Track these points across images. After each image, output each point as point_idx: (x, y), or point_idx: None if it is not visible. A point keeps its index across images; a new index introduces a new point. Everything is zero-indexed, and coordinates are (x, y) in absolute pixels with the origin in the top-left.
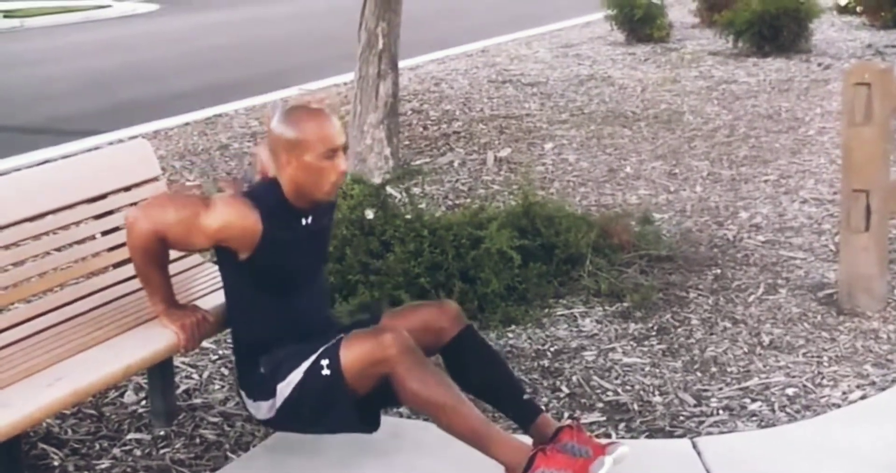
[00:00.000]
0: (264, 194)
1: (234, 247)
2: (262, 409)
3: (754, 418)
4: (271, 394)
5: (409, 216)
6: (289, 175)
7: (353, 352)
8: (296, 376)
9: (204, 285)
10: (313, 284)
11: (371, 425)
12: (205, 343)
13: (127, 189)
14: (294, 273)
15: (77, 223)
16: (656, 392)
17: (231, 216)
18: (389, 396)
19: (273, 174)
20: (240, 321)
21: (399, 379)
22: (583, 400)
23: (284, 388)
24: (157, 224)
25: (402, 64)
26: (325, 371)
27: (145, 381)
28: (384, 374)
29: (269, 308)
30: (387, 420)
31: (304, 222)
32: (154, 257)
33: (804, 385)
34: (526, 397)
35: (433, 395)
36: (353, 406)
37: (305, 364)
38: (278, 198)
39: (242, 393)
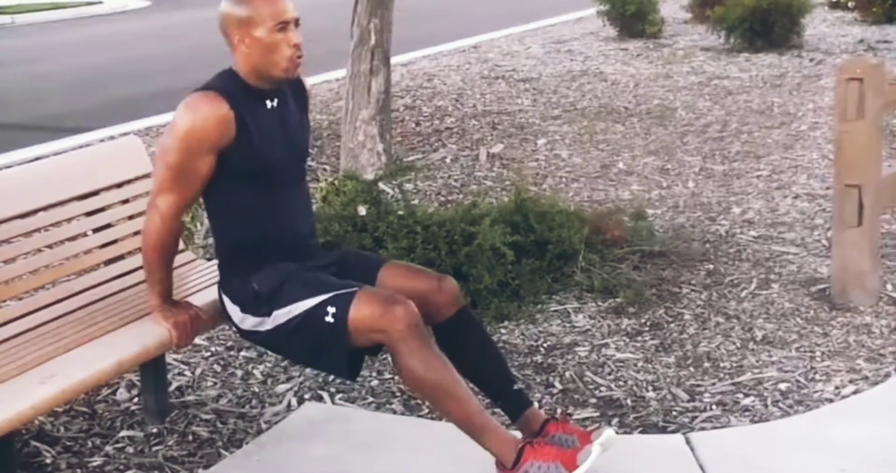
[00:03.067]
0: (223, 82)
1: (220, 145)
2: (249, 322)
3: (747, 413)
4: (265, 314)
5: (401, 212)
6: (243, 55)
7: (362, 312)
8: (296, 308)
9: (197, 282)
10: (295, 187)
11: (354, 373)
12: (197, 340)
13: (118, 186)
14: (271, 162)
15: (68, 220)
16: (649, 388)
17: (201, 112)
18: (376, 348)
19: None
20: (224, 227)
21: (401, 356)
22: (576, 396)
23: (281, 315)
24: (167, 188)
25: (394, 60)
26: (329, 319)
27: (138, 378)
28: (384, 343)
29: (253, 210)
30: (381, 417)
31: (269, 104)
32: (166, 246)
33: (797, 380)
34: (517, 387)
35: (433, 377)
36: (345, 356)
37: (310, 302)
38: (238, 82)
39: (226, 298)
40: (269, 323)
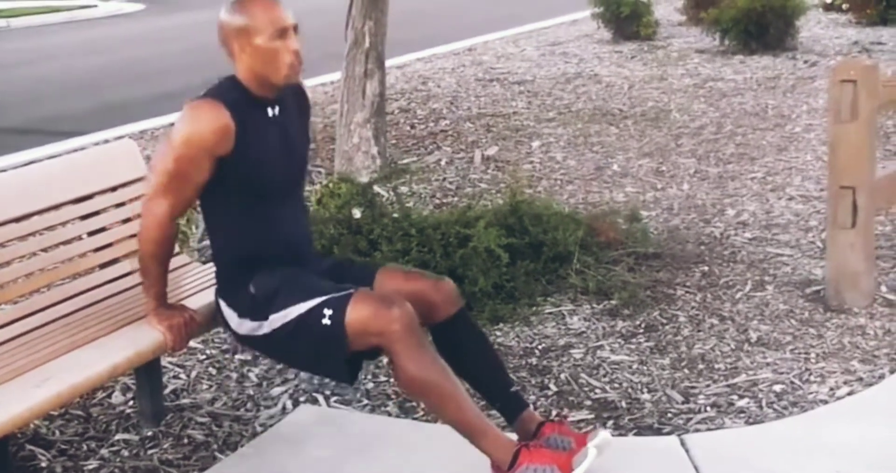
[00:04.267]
0: (224, 90)
1: (219, 153)
2: (246, 327)
3: (742, 414)
4: (261, 318)
5: (396, 215)
6: (244, 63)
7: (359, 314)
8: (293, 312)
9: (191, 285)
10: (292, 195)
11: (353, 377)
12: (192, 343)
13: (113, 190)
14: (269, 171)
15: (63, 224)
16: (644, 390)
17: (202, 120)
18: (374, 352)
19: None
20: (221, 233)
21: (397, 357)
22: (571, 398)
23: (278, 319)
24: (162, 192)
25: (389, 62)
26: (326, 321)
27: (133, 381)
28: (380, 345)
29: (251, 217)
30: (376, 420)
31: (270, 112)
32: (161, 247)
33: (791, 382)
34: (513, 389)
35: (430, 379)
36: (343, 359)
37: (306, 305)
38: (239, 90)
39: (222, 302)
40: (265, 327)
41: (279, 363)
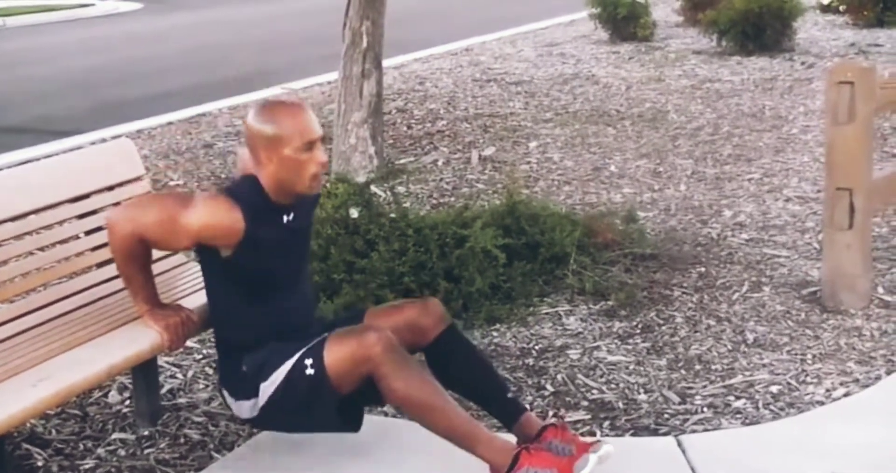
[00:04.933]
0: (245, 192)
1: (216, 245)
2: (245, 408)
3: (738, 415)
4: (254, 394)
5: (393, 215)
6: (269, 171)
7: (337, 352)
8: (279, 375)
9: (187, 285)
10: (297, 285)
11: (354, 424)
12: (189, 343)
13: (110, 189)
14: (276, 272)
15: (60, 223)
16: (641, 390)
17: (213, 215)
18: (373, 395)
19: (252, 172)
20: (223, 321)
21: (383, 379)
22: (567, 399)
23: (267, 388)
24: (138, 226)
25: (386, 63)
26: (309, 371)
27: (129, 381)
28: (368, 373)
29: (253, 309)
30: (372, 420)
31: (285, 219)
32: (135, 258)
33: (788, 383)
34: (510, 395)
35: (417, 394)
36: (337, 406)
37: (289, 364)
38: (259, 195)
39: (224, 392)
40: (260, 401)
41: (289, 432)
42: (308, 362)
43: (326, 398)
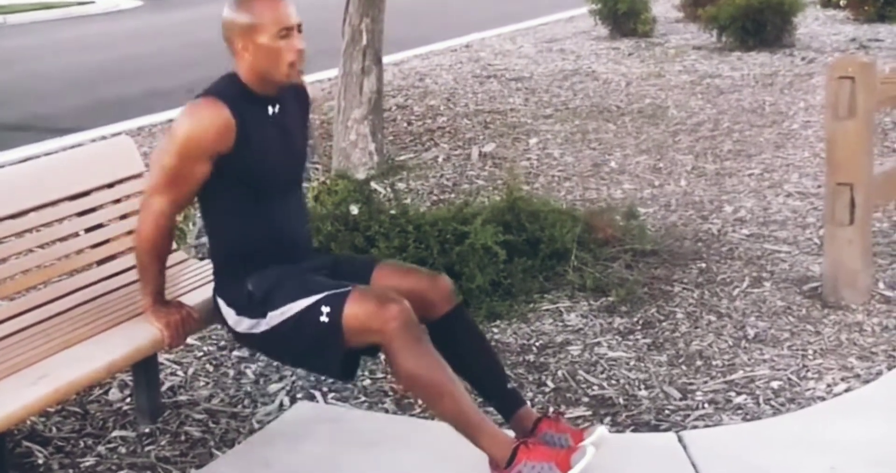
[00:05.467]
0: (225, 88)
1: (219, 151)
2: (244, 324)
3: (739, 411)
4: (259, 315)
5: (393, 212)
6: (246, 61)
7: (356, 311)
8: (290, 309)
9: (189, 282)
10: (291, 193)
11: (350, 374)
12: (190, 340)
13: (110, 186)
14: (269, 172)
15: (60, 221)
16: (642, 386)
17: (202, 121)
18: (372, 349)
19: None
20: (219, 231)
21: (394, 354)
22: (568, 395)
23: (276, 317)
24: (160, 190)
25: (386, 59)
26: (324, 318)
27: (130, 378)
28: (379, 344)
29: (249, 215)
30: (371, 416)
31: (270, 110)
32: (158, 247)
33: (789, 378)
34: (510, 386)
35: (428, 375)
36: (341, 357)
37: (304, 303)
38: (240, 88)
39: (220, 300)
40: (263, 325)
41: (276, 360)
42: (325, 309)
43: (332, 348)
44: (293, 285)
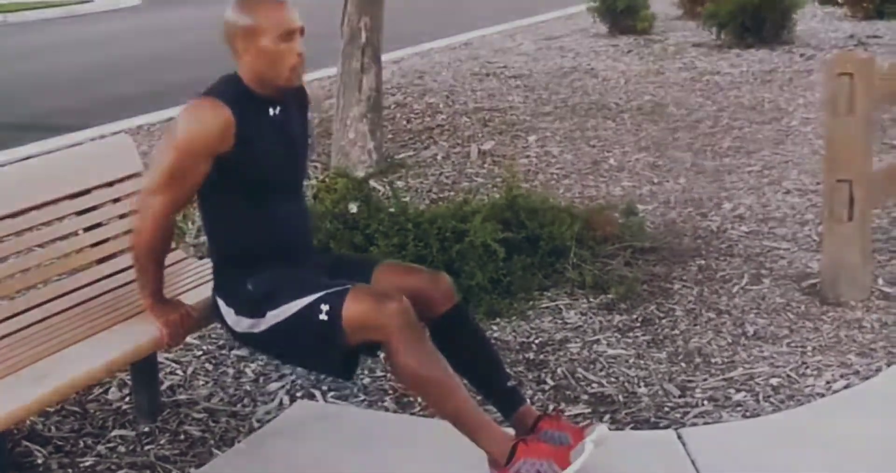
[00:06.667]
0: (226, 88)
1: (222, 152)
2: (243, 324)
3: (739, 408)
4: (258, 315)
5: (392, 210)
6: (247, 64)
7: (355, 309)
8: (290, 308)
9: (188, 281)
10: (292, 195)
11: (349, 373)
12: (189, 339)
13: (109, 185)
14: (271, 173)
15: (59, 219)
16: (641, 384)
17: (203, 121)
18: (372, 348)
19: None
20: (220, 230)
21: (395, 352)
22: (568, 392)
23: (275, 316)
24: (160, 189)
25: (385, 57)
26: (323, 317)
27: (129, 377)
28: (379, 340)
29: (249, 215)
30: (373, 415)
31: (271, 112)
32: (157, 248)
33: (788, 375)
34: (510, 384)
35: (427, 373)
36: (340, 355)
37: (303, 302)
38: (241, 88)
39: (219, 300)
40: (263, 324)
41: (276, 360)
42: (324, 308)
43: (331, 346)
44: (292, 284)
